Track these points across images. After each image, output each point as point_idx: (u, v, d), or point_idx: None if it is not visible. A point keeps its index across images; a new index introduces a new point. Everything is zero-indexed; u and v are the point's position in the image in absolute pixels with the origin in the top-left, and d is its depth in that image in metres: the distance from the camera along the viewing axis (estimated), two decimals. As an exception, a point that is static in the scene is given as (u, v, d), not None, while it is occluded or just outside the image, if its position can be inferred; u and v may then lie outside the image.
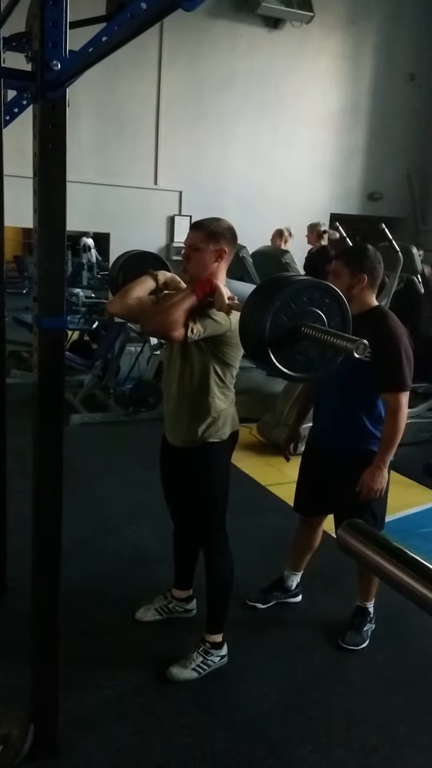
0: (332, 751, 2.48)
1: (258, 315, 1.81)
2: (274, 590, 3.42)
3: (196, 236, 2.58)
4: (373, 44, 9.00)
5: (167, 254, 8.22)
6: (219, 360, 2.58)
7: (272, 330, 1.78)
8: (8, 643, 2.86)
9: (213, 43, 8.02)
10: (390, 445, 2.79)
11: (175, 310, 2.39)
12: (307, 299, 1.83)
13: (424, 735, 2.60)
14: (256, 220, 8.19)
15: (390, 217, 8.92)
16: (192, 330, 2.41)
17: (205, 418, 2.64)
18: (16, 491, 3.14)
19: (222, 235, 2.60)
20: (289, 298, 1.80)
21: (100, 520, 4.23)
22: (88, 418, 6.38)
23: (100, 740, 2.45)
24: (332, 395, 2.96)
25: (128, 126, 7.75)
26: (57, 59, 1.83)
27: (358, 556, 1.01)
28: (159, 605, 3.22)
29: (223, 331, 2.49)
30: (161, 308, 2.46)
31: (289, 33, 8.30)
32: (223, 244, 2.60)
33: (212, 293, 2.44)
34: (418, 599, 0.94)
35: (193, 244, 2.59)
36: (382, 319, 2.87)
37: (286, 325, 1.79)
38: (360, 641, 3.11)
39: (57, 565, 2.22)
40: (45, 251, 1.98)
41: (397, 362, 2.78)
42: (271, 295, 1.82)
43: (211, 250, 2.58)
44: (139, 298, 2.62)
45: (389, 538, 1.01)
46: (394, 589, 0.98)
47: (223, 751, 2.44)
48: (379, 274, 2.91)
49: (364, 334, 2.79)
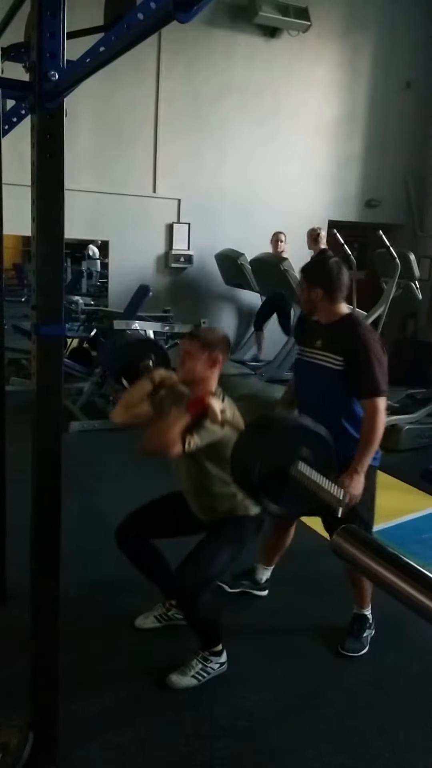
0: (333, 757, 2.47)
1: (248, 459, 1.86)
2: (244, 578, 3.49)
3: (192, 345, 2.76)
4: (370, 53, 9.04)
5: (166, 261, 8.24)
6: (220, 457, 2.66)
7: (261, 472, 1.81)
8: (8, 651, 2.86)
9: (210, 52, 8.05)
10: (367, 450, 2.79)
11: (170, 431, 2.53)
12: (295, 440, 1.84)
13: (425, 740, 2.60)
14: (254, 228, 8.21)
15: (388, 223, 8.94)
16: (189, 443, 2.56)
17: (224, 500, 2.77)
18: (15, 499, 3.14)
19: (217, 345, 2.77)
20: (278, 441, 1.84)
21: (99, 527, 4.21)
22: (87, 425, 6.38)
23: (100, 748, 2.45)
24: (313, 405, 2.98)
25: (127, 134, 7.78)
26: (54, 69, 1.84)
27: (353, 562, 1.02)
28: (158, 613, 3.22)
29: (219, 437, 2.62)
30: (157, 430, 2.59)
31: (286, 42, 8.33)
32: (217, 353, 2.76)
33: (206, 410, 2.55)
34: (414, 605, 0.94)
35: (189, 352, 2.75)
36: (352, 328, 2.90)
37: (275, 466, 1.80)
38: (359, 648, 3.10)
39: (56, 573, 2.22)
40: (43, 259, 1.99)
41: (369, 369, 2.79)
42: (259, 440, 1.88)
43: (205, 358, 2.74)
44: (139, 411, 2.92)
45: (384, 544, 1.01)
46: (390, 595, 0.98)
47: (224, 758, 2.44)
48: (339, 286, 2.92)
49: (335, 343, 2.84)
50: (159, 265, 8.28)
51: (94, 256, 11.15)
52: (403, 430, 6.38)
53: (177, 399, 2.81)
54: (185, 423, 2.54)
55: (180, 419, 2.54)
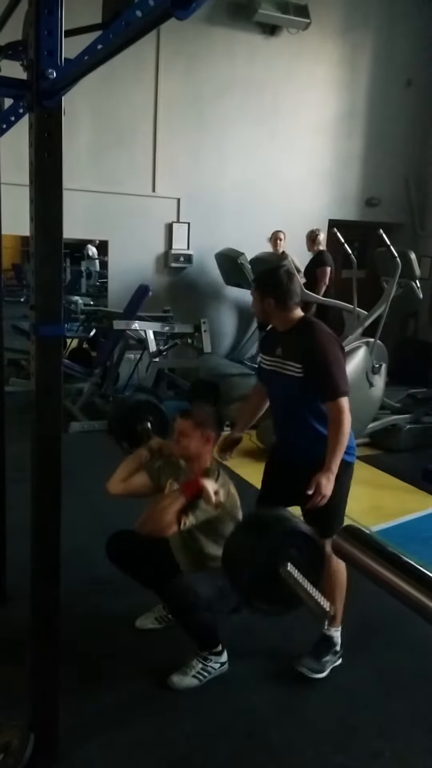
0: (333, 757, 2.47)
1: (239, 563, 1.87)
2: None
3: (186, 424, 2.85)
4: (370, 51, 9.02)
5: (165, 261, 8.23)
6: (215, 533, 2.80)
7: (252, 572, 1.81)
8: (8, 652, 2.86)
9: (210, 50, 8.03)
10: (337, 449, 2.77)
11: (165, 514, 2.61)
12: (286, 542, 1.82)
13: (425, 740, 2.59)
14: (255, 227, 8.20)
15: (388, 222, 8.92)
16: (184, 523, 2.64)
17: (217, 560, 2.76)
18: (15, 499, 3.14)
19: (208, 425, 2.87)
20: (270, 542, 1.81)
21: (99, 527, 4.21)
22: (87, 425, 6.38)
23: (101, 749, 2.45)
24: (281, 409, 3.04)
25: (126, 134, 7.76)
26: (52, 68, 1.84)
27: (353, 562, 1.01)
28: (158, 614, 3.22)
29: (213, 515, 2.71)
30: (153, 512, 2.66)
31: (285, 40, 8.31)
32: (209, 431, 2.87)
33: (200, 493, 2.63)
34: (415, 605, 0.94)
35: (183, 431, 2.85)
36: (308, 332, 2.89)
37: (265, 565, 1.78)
38: (317, 669, 2.94)
39: (56, 573, 2.21)
40: (42, 259, 1.98)
41: (328, 372, 2.78)
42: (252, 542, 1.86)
43: (198, 436, 2.84)
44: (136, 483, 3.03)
45: (385, 544, 1.01)
46: (391, 595, 0.98)
47: (225, 758, 2.44)
48: (289, 294, 2.90)
49: (292, 351, 2.84)
50: (158, 265, 8.26)
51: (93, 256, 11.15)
52: (404, 430, 6.38)
53: (174, 471, 2.94)
54: (180, 505, 2.62)
55: (175, 502, 2.62)
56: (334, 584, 2.95)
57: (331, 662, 2.99)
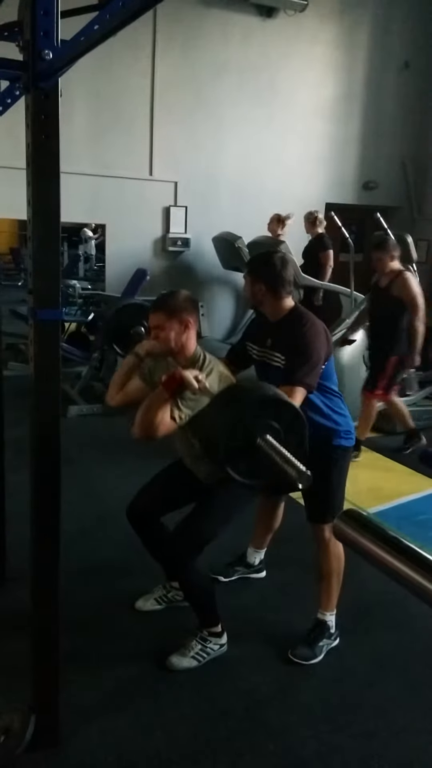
0: (331, 736, 2.49)
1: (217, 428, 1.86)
2: (237, 565, 3.55)
3: (158, 317, 2.69)
4: (368, 32, 8.94)
5: (163, 245, 8.20)
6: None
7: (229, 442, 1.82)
8: (8, 634, 2.87)
9: (206, 32, 7.96)
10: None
11: (153, 414, 2.49)
12: (263, 412, 1.83)
13: (421, 720, 2.62)
14: (252, 210, 8.16)
15: (385, 206, 8.88)
16: (179, 417, 2.54)
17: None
18: (14, 483, 3.14)
19: (183, 309, 2.69)
20: (246, 412, 1.82)
21: (98, 510, 4.24)
22: (86, 409, 6.39)
23: (101, 730, 2.47)
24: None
25: (122, 116, 7.70)
26: (49, 48, 1.82)
27: (354, 546, 1.02)
28: (158, 595, 3.24)
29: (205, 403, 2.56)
30: (142, 417, 2.53)
31: (282, 22, 8.24)
32: (185, 316, 2.69)
33: (182, 384, 2.47)
34: (415, 587, 0.94)
35: (157, 325, 2.69)
36: (297, 326, 2.79)
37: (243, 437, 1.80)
38: (310, 656, 2.94)
39: (56, 556, 2.22)
40: (39, 243, 1.98)
41: (301, 361, 2.67)
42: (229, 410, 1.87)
43: (175, 326, 2.67)
44: (132, 389, 2.88)
45: (385, 527, 1.01)
46: (391, 578, 0.98)
47: (223, 739, 2.46)
48: (282, 281, 2.82)
49: (281, 342, 2.80)
50: (156, 249, 8.23)
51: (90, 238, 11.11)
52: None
53: (163, 369, 2.77)
54: (166, 401, 2.49)
55: (159, 400, 2.49)
56: (332, 570, 2.98)
57: (327, 645, 3.00)
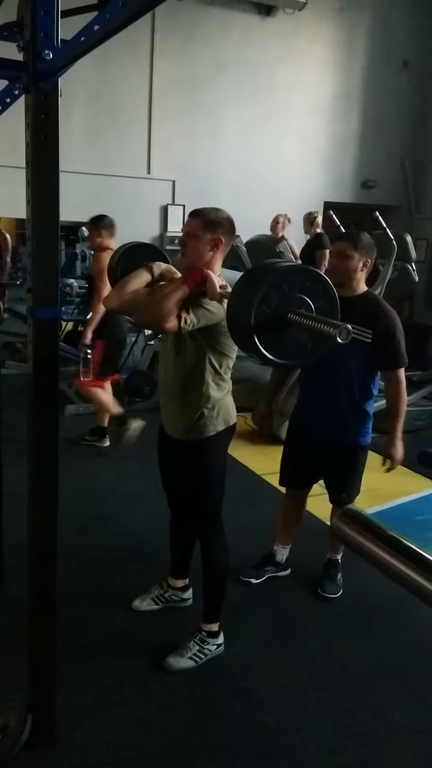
0: (329, 737, 2.49)
1: (243, 305, 1.82)
2: (266, 565, 3.54)
3: (194, 223, 2.57)
4: (366, 31, 8.95)
5: (161, 244, 8.19)
6: (214, 349, 2.57)
7: (258, 319, 1.79)
8: (6, 633, 2.87)
9: (205, 30, 7.96)
10: (400, 414, 3.21)
11: (166, 301, 2.36)
12: (289, 286, 1.82)
13: (420, 721, 2.62)
14: (250, 209, 8.13)
15: (384, 204, 8.89)
16: (185, 320, 2.38)
17: (199, 408, 2.63)
18: (12, 482, 3.14)
19: (220, 225, 2.58)
20: (272, 286, 1.80)
21: (95, 510, 4.24)
22: (83, 408, 6.37)
23: (98, 729, 2.46)
24: (318, 383, 3.17)
25: (121, 115, 7.70)
26: (49, 49, 1.82)
27: (354, 545, 1.02)
28: (155, 594, 3.23)
29: (217, 320, 2.46)
30: (153, 299, 2.43)
31: (281, 20, 8.24)
32: (220, 233, 2.57)
33: (204, 283, 2.39)
34: (414, 587, 0.94)
35: (190, 231, 2.57)
36: (377, 303, 3.09)
37: (271, 314, 1.79)
38: (337, 590, 3.39)
39: (53, 555, 2.22)
40: (38, 242, 1.97)
41: (398, 342, 3.08)
42: (253, 285, 1.83)
43: (207, 238, 2.56)
44: (135, 291, 2.58)
45: (384, 527, 1.01)
46: (390, 578, 0.98)
47: (220, 740, 2.46)
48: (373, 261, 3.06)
49: (361, 318, 2.81)
50: (154, 248, 8.22)
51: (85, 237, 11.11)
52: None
53: None
54: (182, 295, 2.37)
55: (177, 290, 2.37)
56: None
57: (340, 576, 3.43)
